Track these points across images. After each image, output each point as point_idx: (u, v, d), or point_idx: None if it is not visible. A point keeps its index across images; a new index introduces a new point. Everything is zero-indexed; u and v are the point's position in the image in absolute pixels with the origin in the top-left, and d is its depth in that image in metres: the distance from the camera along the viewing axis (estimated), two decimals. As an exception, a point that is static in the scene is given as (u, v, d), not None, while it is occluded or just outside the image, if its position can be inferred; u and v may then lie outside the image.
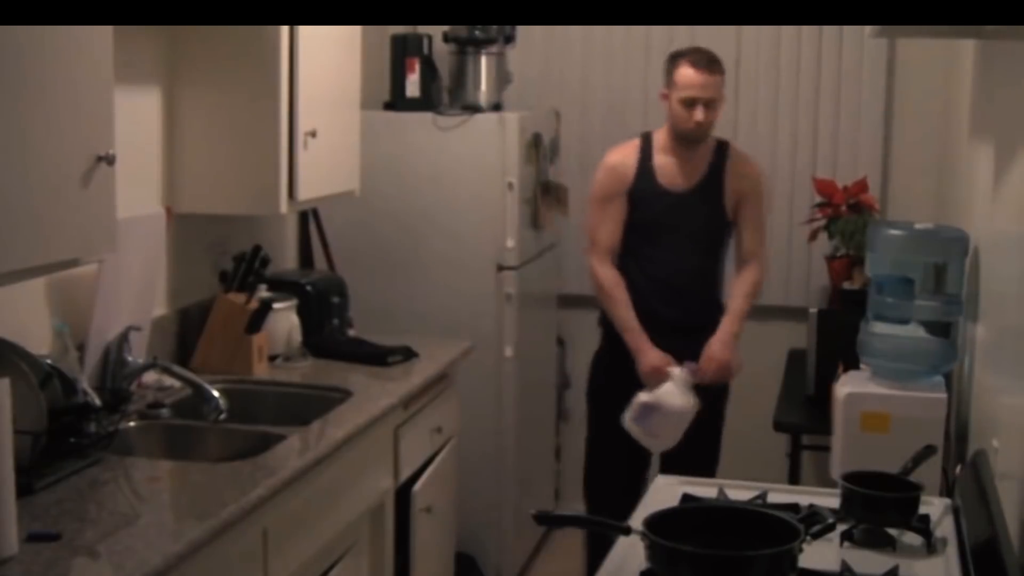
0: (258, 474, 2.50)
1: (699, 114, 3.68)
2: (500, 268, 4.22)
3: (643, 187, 3.79)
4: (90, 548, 2.11)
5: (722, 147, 3.85)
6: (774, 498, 2.38)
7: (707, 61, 3.70)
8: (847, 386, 3.03)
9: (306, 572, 2.73)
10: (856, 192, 4.35)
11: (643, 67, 4.75)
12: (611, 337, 3.89)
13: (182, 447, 2.90)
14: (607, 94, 4.82)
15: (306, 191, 3.39)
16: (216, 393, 2.88)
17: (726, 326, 3.79)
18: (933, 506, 2.40)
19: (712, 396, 3.80)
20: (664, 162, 3.80)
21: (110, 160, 2.29)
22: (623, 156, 3.85)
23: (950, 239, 3.13)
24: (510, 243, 4.22)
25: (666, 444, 3.72)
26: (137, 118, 3.18)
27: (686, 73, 3.68)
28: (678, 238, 3.80)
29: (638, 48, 4.76)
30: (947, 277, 3.07)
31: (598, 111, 4.83)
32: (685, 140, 3.77)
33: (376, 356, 3.56)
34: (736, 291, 3.84)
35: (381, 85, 4.44)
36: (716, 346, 3.76)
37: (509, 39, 4.52)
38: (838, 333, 3.71)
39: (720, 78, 3.72)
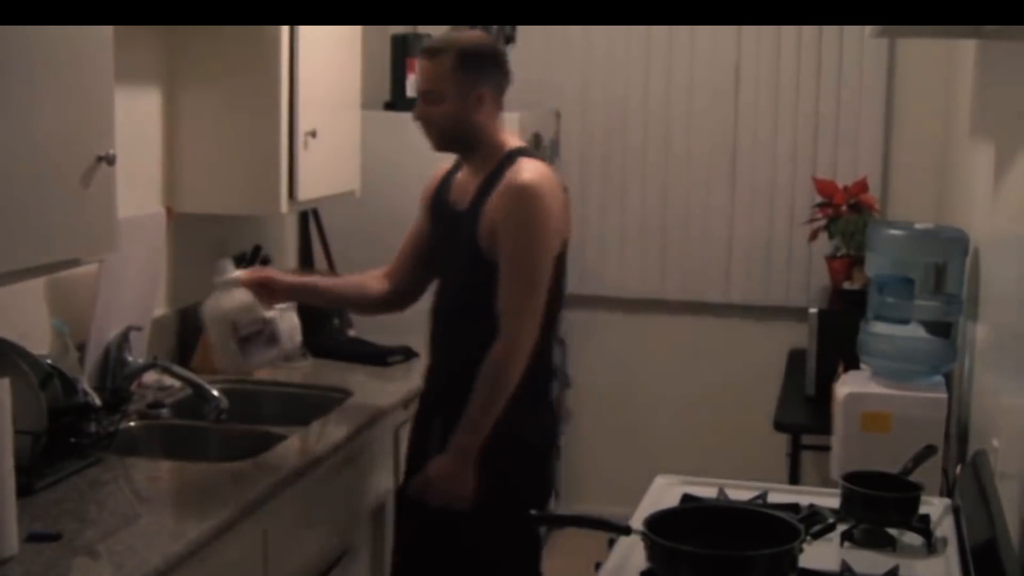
0: (258, 474, 2.50)
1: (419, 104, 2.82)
2: (500, 268, 4.18)
3: (436, 201, 2.93)
4: (90, 548, 2.11)
5: (508, 159, 2.78)
6: (774, 498, 2.38)
7: (427, 47, 2.80)
8: (847, 386, 3.04)
9: (306, 572, 2.73)
10: (856, 192, 4.35)
11: (643, 67, 4.75)
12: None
13: (182, 447, 2.90)
14: (607, 94, 4.81)
15: (306, 191, 3.39)
16: (216, 393, 2.88)
17: (453, 440, 2.71)
18: (933, 506, 2.40)
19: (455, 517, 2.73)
20: (461, 175, 2.88)
21: (110, 160, 2.29)
22: (444, 166, 2.97)
23: (950, 239, 3.13)
24: (510, 243, 4.18)
25: (238, 362, 2.87)
26: (137, 118, 3.18)
27: None
28: (445, 271, 2.92)
29: (638, 48, 4.76)
30: (947, 277, 3.07)
31: (598, 111, 4.83)
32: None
33: (376, 356, 3.56)
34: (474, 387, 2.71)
35: (381, 85, 4.44)
36: (433, 463, 2.75)
37: (509, 39, 4.51)
38: (838, 333, 3.71)
39: (436, 65, 2.74)
